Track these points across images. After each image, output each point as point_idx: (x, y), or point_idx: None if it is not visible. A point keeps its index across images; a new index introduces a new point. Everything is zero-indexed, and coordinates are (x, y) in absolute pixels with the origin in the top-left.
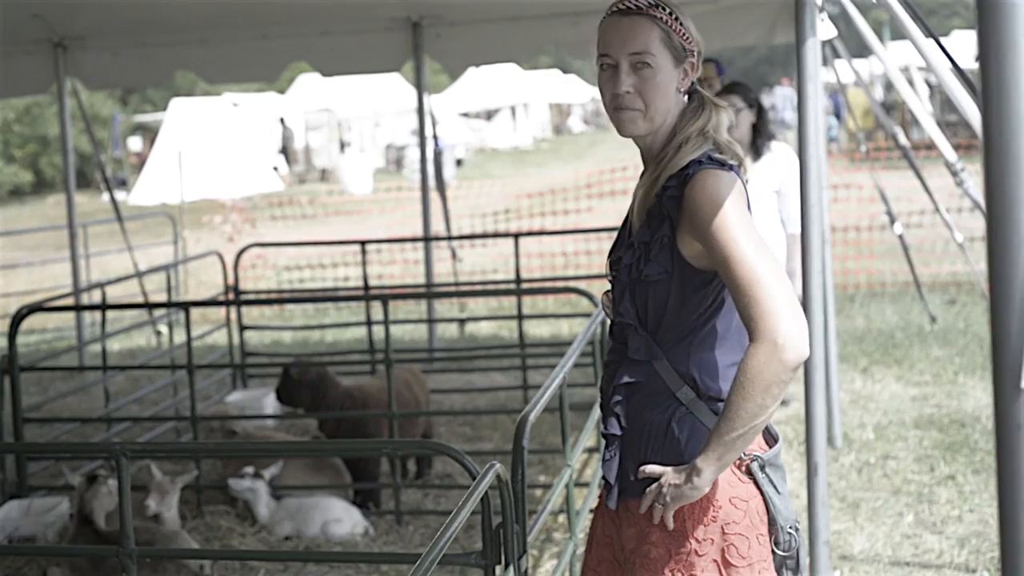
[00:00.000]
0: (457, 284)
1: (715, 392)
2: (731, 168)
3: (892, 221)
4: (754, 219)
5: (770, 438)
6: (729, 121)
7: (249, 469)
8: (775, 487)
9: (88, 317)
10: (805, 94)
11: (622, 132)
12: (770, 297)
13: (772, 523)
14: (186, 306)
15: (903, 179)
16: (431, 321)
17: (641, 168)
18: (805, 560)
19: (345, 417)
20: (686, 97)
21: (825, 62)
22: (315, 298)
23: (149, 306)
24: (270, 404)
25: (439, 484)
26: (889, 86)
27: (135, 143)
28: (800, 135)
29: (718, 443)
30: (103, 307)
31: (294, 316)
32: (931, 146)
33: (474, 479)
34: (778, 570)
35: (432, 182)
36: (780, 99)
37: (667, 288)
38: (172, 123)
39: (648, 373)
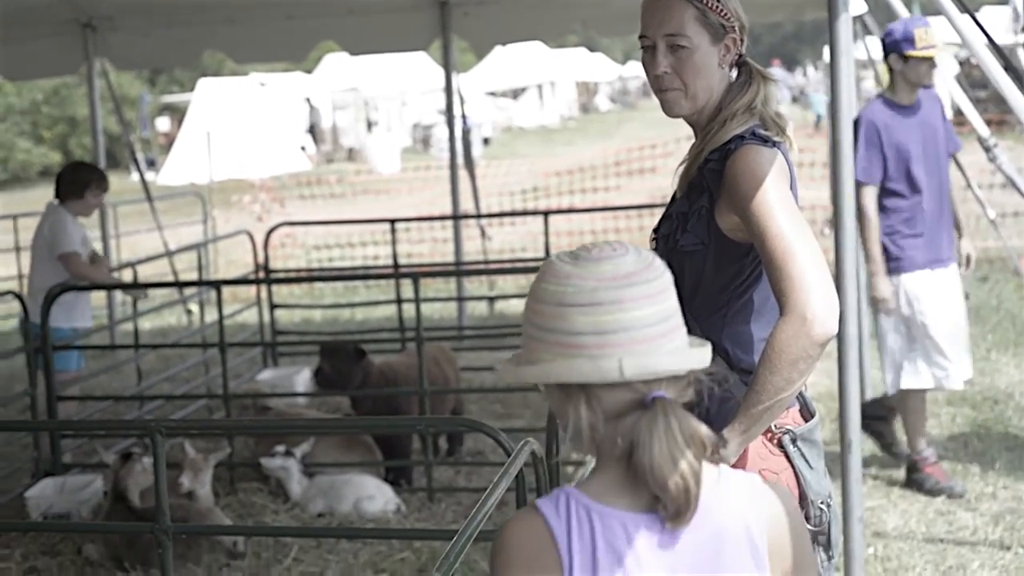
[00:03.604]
0: (486, 262)
1: (747, 364)
2: (774, 144)
3: None
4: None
5: (807, 413)
6: (778, 94)
7: (281, 447)
8: (807, 461)
9: (119, 296)
10: (838, 69)
11: (667, 112)
12: (803, 273)
13: (803, 498)
14: (217, 284)
15: None
16: (460, 299)
17: (668, 146)
18: (838, 536)
19: (377, 395)
20: (734, 70)
21: (855, 37)
22: (346, 276)
23: (180, 284)
24: (301, 382)
25: (471, 461)
26: None
27: (163, 123)
28: (833, 111)
29: (745, 415)
30: (134, 286)
31: (324, 295)
32: (962, 122)
33: (508, 456)
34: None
35: (460, 160)
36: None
37: (703, 259)
38: (200, 103)
39: None
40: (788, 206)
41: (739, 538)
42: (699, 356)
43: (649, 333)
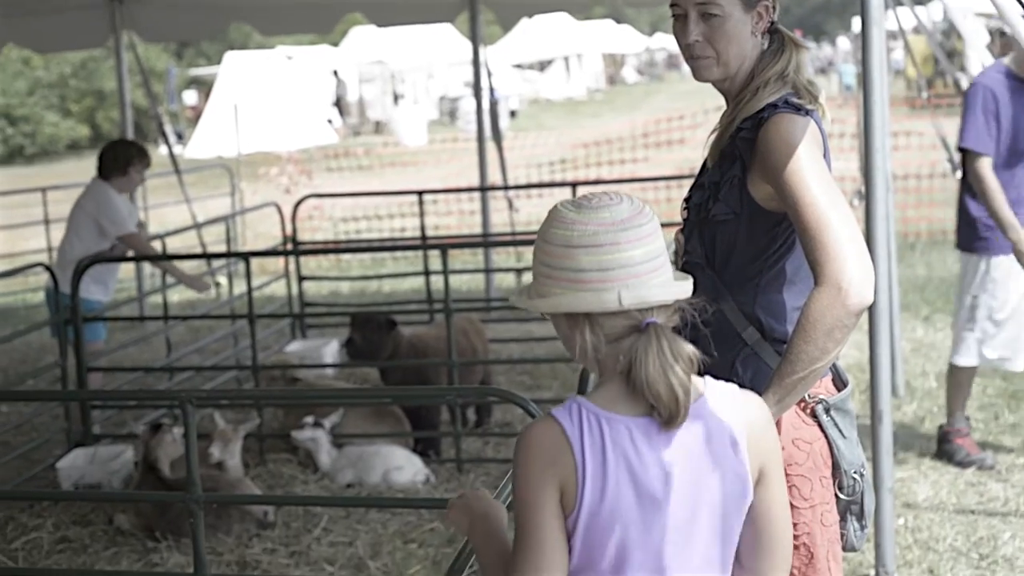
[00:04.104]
0: (513, 234)
1: (780, 334)
2: (807, 112)
3: (954, 168)
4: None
5: (840, 382)
6: (809, 62)
7: (310, 419)
8: (840, 431)
9: (147, 268)
10: (870, 39)
11: (697, 78)
12: (838, 242)
13: (836, 467)
14: (246, 256)
15: None
16: (488, 271)
17: (696, 117)
18: (871, 506)
19: (406, 366)
20: (766, 38)
21: (885, 7)
22: (375, 247)
23: (209, 256)
24: (329, 353)
25: (499, 432)
26: (947, 33)
27: (190, 97)
28: (864, 81)
29: (779, 385)
30: (163, 257)
31: (351, 267)
32: None
33: None
34: (842, 515)
35: (488, 133)
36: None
37: (735, 228)
38: (226, 76)
39: (713, 313)
40: (822, 175)
41: (723, 437)
42: (683, 288)
43: (642, 269)
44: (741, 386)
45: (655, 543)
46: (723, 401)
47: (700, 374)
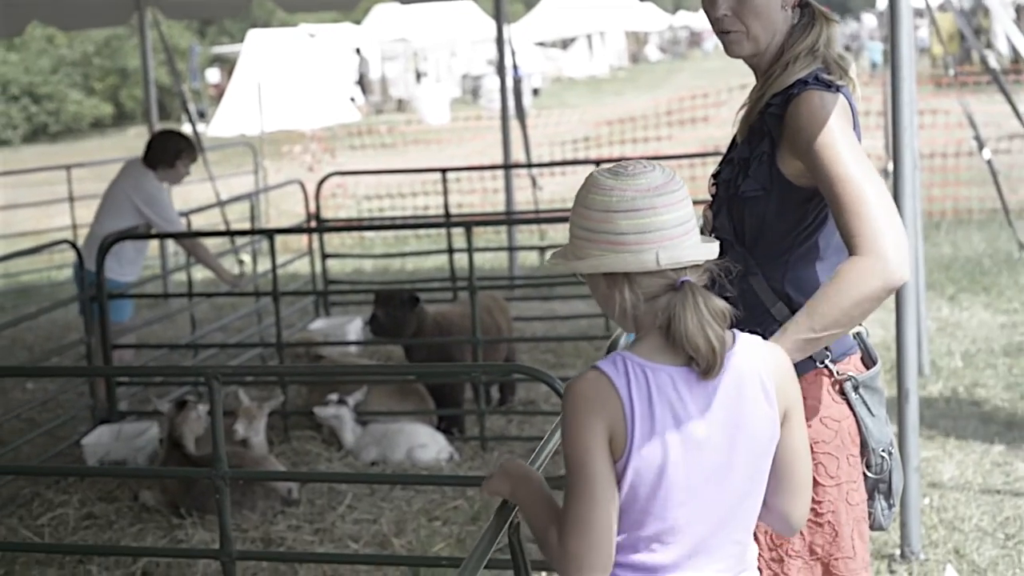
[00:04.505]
0: (537, 212)
1: None
2: (837, 89)
3: (980, 146)
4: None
5: (869, 360)
6: (840, 35)
7: (334, 396)
8: (869, 409)
9: (171, 247)
10: (898, 16)
11: (728, 53)
12: (877, 216)
13: (864, 445)
14: (271, 233)
15: (992, 104)
16: (512, 249)
17: (720, 95)
18: (899, 485)
19: (430, 344)
20: (797, 12)
21: None
22: (399, 225)
23: (234, 233)
24: (353, 331)
25: (523, 410)
26: (973, 10)
27: (213, 75)
28: (893, 57)
29: (788, 339)
30: (188, 235)
31: (374, 245)
32: (1020, 70)
33: None
34: (870, 493)
35: (512, 110)
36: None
37: (764, 204)
38: (249, 54)
39: (743, 289)
40: (854, 149)
41: (754, 383)
42: (712, 249)
43: (676, 232)
44: None
45: (696, 484)
46: (752, 350)
47: (731, 327)
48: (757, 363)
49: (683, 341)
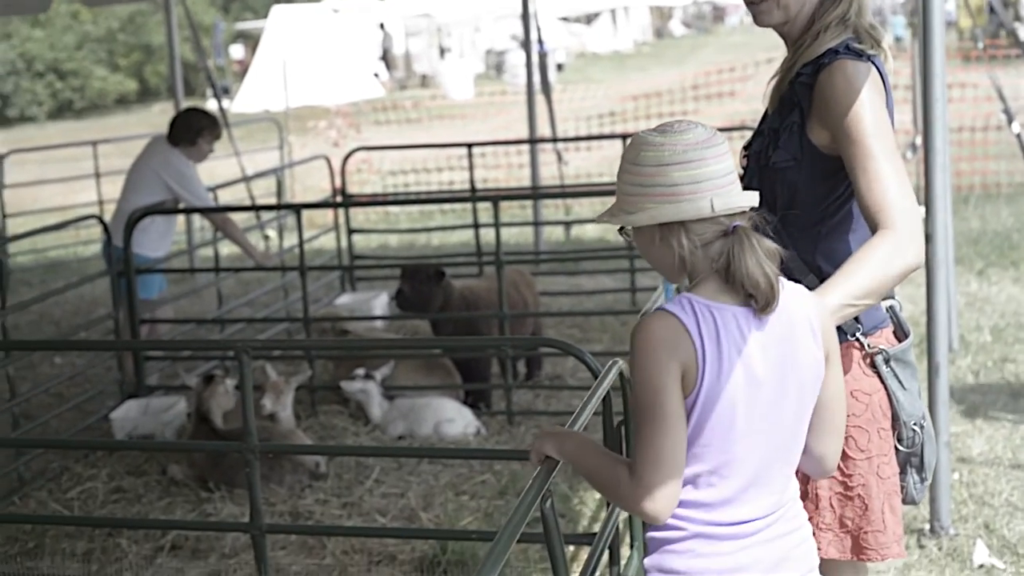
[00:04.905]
0: (563, 187)
1: None
2: (868, 58)
3: (1010, 120)
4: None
5: (901, 333)
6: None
7: (360, 370)
8: (900, 382)
9: (197, 222)
10: None
11: (757, 22)
12: (904, 196)
13: (895, 419)
14: (298, 208)
15: (1021, 77)
16: (537, 224)
17: (747, 69)
18: (931, 459)
19: (457, 318)
20: None
21: None
22: (427, 199)
23: (261, 208)
24: (379, 306)
25: (549, 385)
26: None
27: (237, 51)
28: (924, 28)
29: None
30: (215, 209)
31: (399, 220)
32: None
33: (595, 377)
34: (902, 467)
35: (537, 85)
36: None
37: (795, 175)
38: (273, 30)
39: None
40: (881, 124)
41: (804, 323)
42: (754, 197)
43: (724, 181)
44: None
45: (754, 419)
46: (799, 294)
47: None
48: (804, 306)
49: (743, 280)
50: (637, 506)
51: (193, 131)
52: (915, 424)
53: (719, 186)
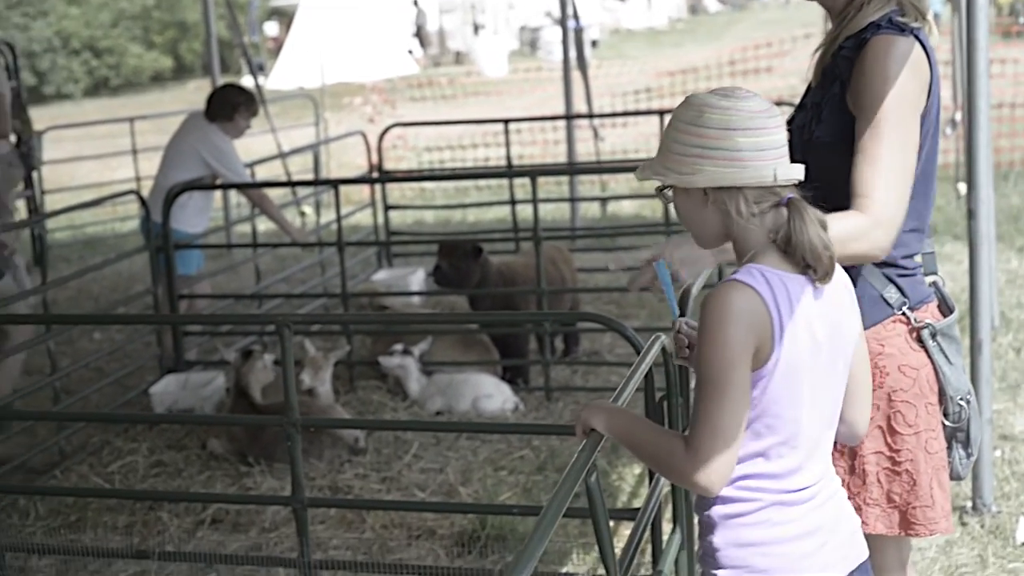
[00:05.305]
0: (599, 163)
1: (887, 257)
2: (911, 32)
3: None
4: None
5: (946, 308)
6: None
7: (399, 346)
8: (946, 357)
9: (234, 198)
10: None
11: None
12: (893, 187)
13: (942, 393)
14: (335, 184)
15: None
16: (573, 200)
17: (784, 45)
18: (977, 434)
19: (495, 294)
20: None
21: None
22: (464, 175)
23: (299, 184)
24: (416, 282)
25: (587, 361)
26: None
27: (271, 28)
28: (968, 1)
29: None
30: (251, 185)
31: (435, 197)
32: None
33: (638, 353)
34: (948, 442)
35: (573, 61)
36: None
37: (836, 149)
38: (307, 7)
39: None
40: (902, 113)
41: (845, 289)
42: (802, 169)
43: (783, 151)
44: None
45: (816, 387)
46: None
47: None
48: (841, 274)
49: (805, 251)
50: (691, 478)
51: (230, 107)
52: (961, 399)
53: (779, 156)
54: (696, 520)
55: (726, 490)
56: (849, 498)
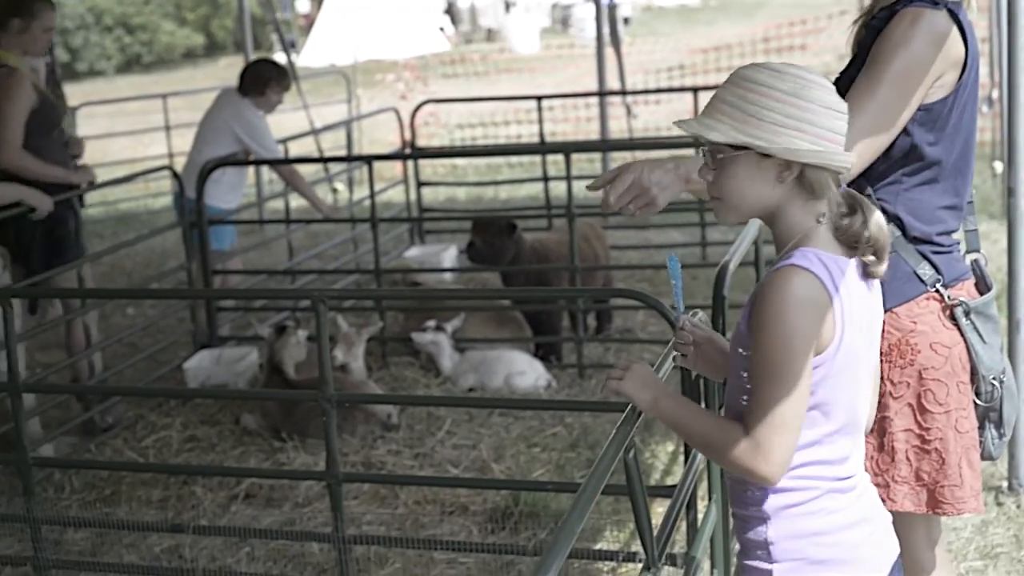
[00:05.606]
0: (632, 140)
1: (921, 233)
2: (946, 6)
3: None
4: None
5: (983, 286)
6: None
7: (432, 322)
8: (980, 336)
9: (266, 174)
10: None
11: None
12: (857, 135)
13: (974, 372)
14: (369, 160)
15: None
16: None
17: (819, 22)
18: (1011, 414)
19: (528, 271)
20: None
21: None
22: (498, 151)
23: (332, 160)
24: (448, 259)
25: (620, 338)
26: None
27: (303, 5)
28: None
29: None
30: (285, 161)
31: (467, 173)
32: None
33: (675, 329)
34: (980, 421)
35: (606, 38)
36: None
37: None
38: None
39: None
40: (902, 84)
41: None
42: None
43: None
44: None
45: (863, 374)
46: None
47: None
48: None
49: (871, 236)
50: (751, 467)
51: (262, 81)
52: (994, 378)
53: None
54: (732, 516)
55: (781, 480)
56: (877, 475)
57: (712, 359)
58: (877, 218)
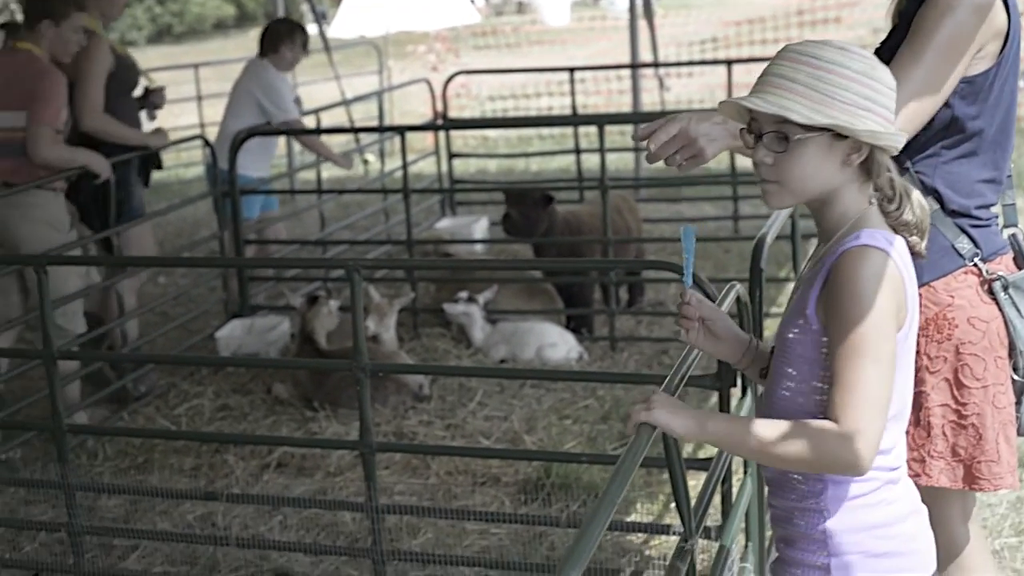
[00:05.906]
0: (665, 113)
1: (959, 206)
2: None
3: None
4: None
5: (1021, 260)
6: None
7: (464, 293)
8: (1018, 310)
9: (296, 145)
10: None
11: None
12: (913, 108)
13: (1012, 347)
14: (402, 130)
15: None
16: (638, 150)
17: None
18: None
19: (560, 243)
20: None
21: None
22: (532, 122)
23: (363, 130)
24: (479, 230)
25: (652, 311)
26: None
27: None
28: None
29: None
30: (317, 131)
31: (497, 145)
32: None
33: (712, 301)
34: (1017, 397)
35: (640, 9)
36: None
37: None
38: None
39: None
40: (948, 53)
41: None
42: None
43: None
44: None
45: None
46: None
47: None
48: None
49: (917, 217)
50: (849, 459)
51: (274, 39)
52: None
53: None
54: (769, 506)
55: None
56: (913, 450)
57: (717, 337)
58: (917, 197)
